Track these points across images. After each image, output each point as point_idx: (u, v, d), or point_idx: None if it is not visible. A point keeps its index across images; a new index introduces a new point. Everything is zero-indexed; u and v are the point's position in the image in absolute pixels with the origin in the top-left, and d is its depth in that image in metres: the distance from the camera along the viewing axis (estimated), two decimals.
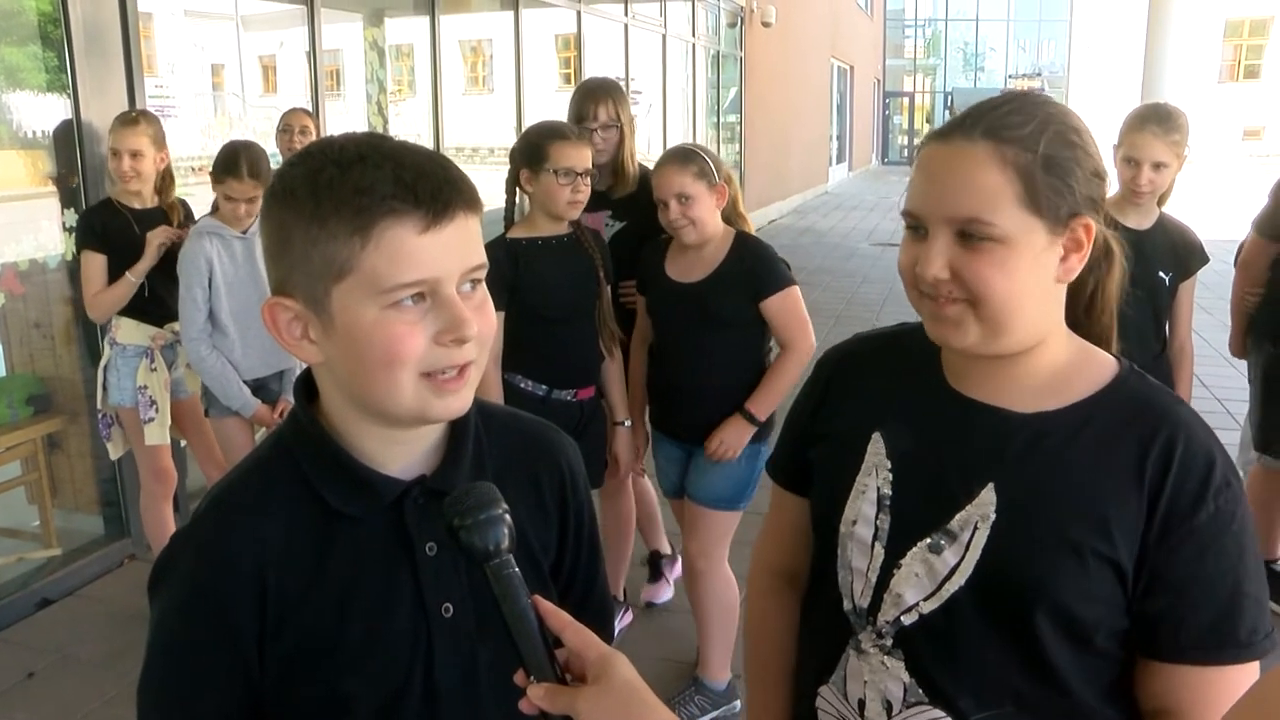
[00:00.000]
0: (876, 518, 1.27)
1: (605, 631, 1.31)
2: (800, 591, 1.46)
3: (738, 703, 3.41)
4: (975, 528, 1.20)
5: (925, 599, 1.22)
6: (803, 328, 3.12)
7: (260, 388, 3.72)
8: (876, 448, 1.30)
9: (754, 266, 3.10)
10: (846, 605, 1.30)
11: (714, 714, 3.39)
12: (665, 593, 4.12)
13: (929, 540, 1.22)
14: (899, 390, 1.33)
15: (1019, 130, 1.14)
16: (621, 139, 3.60)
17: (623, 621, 3.90)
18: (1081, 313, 1.29)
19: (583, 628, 0.97)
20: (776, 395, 3.14)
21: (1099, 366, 1.25)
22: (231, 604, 1.07)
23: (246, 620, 1.07)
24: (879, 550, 1.27)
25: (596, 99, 3.55)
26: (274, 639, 1.07)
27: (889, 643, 1.25)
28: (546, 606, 0.96)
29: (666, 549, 4.19)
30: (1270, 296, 3.88)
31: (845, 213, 19.63)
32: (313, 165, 1.02)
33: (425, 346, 1.01)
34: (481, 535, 0.96)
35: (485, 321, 1.06)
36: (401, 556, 1.11)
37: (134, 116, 3.80)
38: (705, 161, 3.07)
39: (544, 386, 3.19)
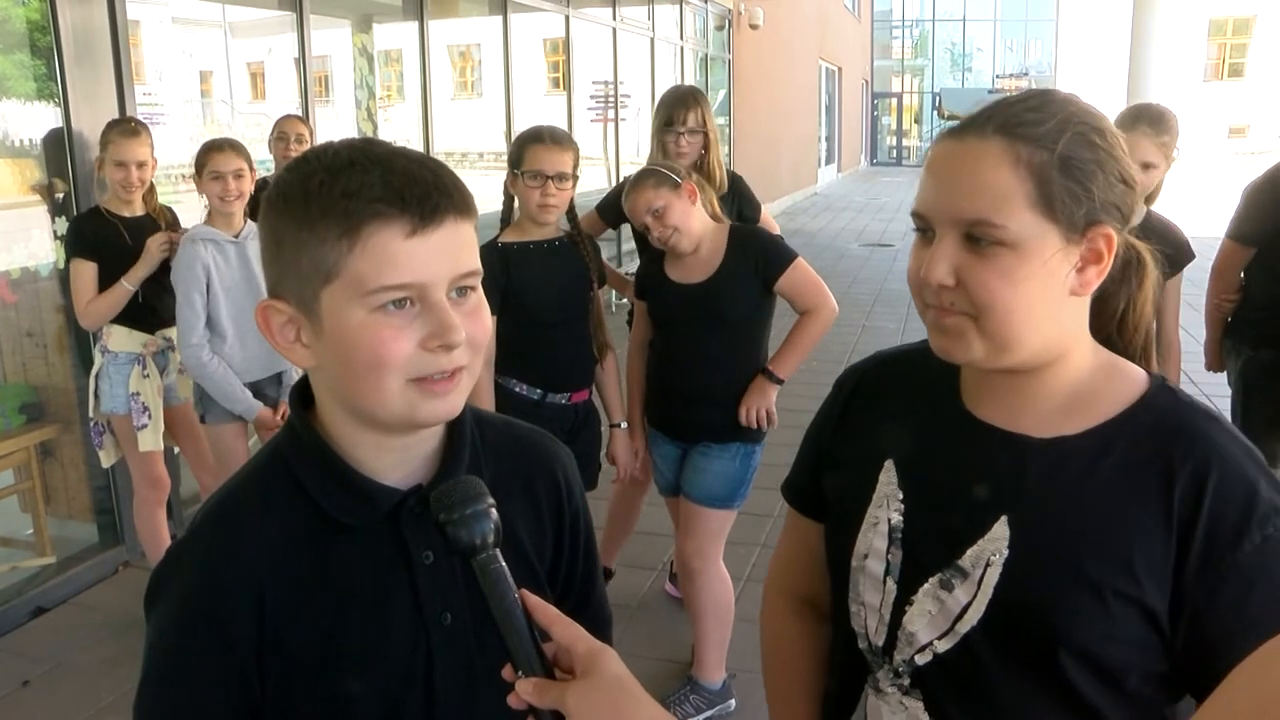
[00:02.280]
0: (888, 552, 1.20)
1: (603, 636, 1.30)
2: (822, 614, 1.39)
3: (732, 702, 3.42)
4: (987, 564, 1.12)
5: (939, 638, 1.15)
6: (820, 292, 3.18)
7: (258, 393, 3.73)
8: (888, 477, 1.23)
9: (757, 255, 3.14)
10: (861, 643, 1.24)
11: (709, 713, 3.40)
12: None
13: (940, 576, 1.15)
14: (913, 414, 1.26)
15: (1036, 128, 1.06)
16: (706, 144, 3.75)
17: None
18: (1114, 331, 1.21)
19: (571, 622, 0.97)
20: (799, 355, 3.20)
21: (1126, 383, 1.15)
22: (229, 618, 1.06)
23: (244, 633, 1.06)
24: (891, 586, 1.20)
25: (686, 105, 3.74)
26: (272, 651, 1.06)
27: (906, 682, 1.19)
28: (534, 601, 0.96)
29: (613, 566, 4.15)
30: (1246, 301, 3.91)
31: (834, 214, 19.66)
32: (305, 171, 1.02)
33: (412, 351, 1.01)
34: (468, 530, 0.96)
35: (478, 327, 1.05)
36: (399, 566, 1.10)
37: (134, 127, 3.81)
38: (657, 171, 3.12)
39: (538, 390, 3.19)
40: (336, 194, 0.99)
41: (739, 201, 3.88)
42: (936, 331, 1.14)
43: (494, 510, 0.98)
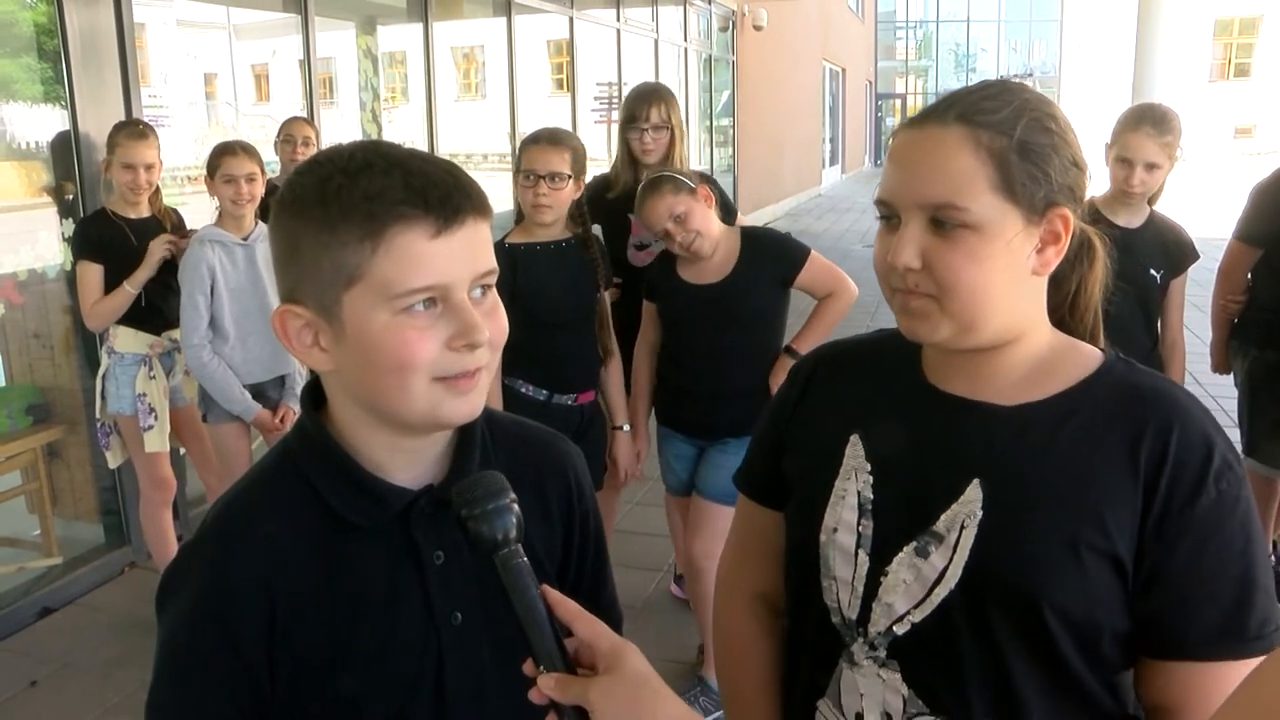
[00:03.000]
0: (859, 524, 1.22)
1: (615, 632, 1.31)
2: (776, 610, 1.41)
3: None
4: (962, 527, 1.14)
5: (915, 607, 1.17)
6: (838, 277, 3.23)
7: (259, 394, 3.74)
8: (855, 450, 1.25)
9: (773, 255, 3.17)
10: (835, 618, 1.25)
11: (718, 715, 3.39)
12: None
13: (915, 544, 1.17)
14: (877, 391, 1.28)
15: (994, 115, 1.11)
16: (672, 140, 3.72)
17: None
18: (1066, 312, 1.25)
19: (593, 618, 0.97)
20: (820, 333, 3.20)
21: (1084, 356, 1.20)
22: (239, 619, 1.06)
23: (254, 634, 1.06)
24: (863, 558, 1.21)
25: (649, 101, 3.70)
26: (283, 652, 1.07)
27: (883, 654, 1.20)
28: (556, 597, 0.96)
29: None
30: (1253, 302, 3.91)
31: (839, 215, 19.64)
32: (321, 174, 1.01)
33: (437, 352, 1.01)
34: (490, 525, 0.96)
35: (497, 326, 1.06)
36: (409, 566, 1.10)
37: (142, 129, 3.81)
38: (673, 177, 3.12)
39: (544, 391, 3.20)
40: (357, 197, 0.99)
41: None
42: (904, 314, 1.17)
43: (516, 505, 0.98)
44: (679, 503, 3.55)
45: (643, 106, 3.68)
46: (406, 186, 0.99)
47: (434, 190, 1.00)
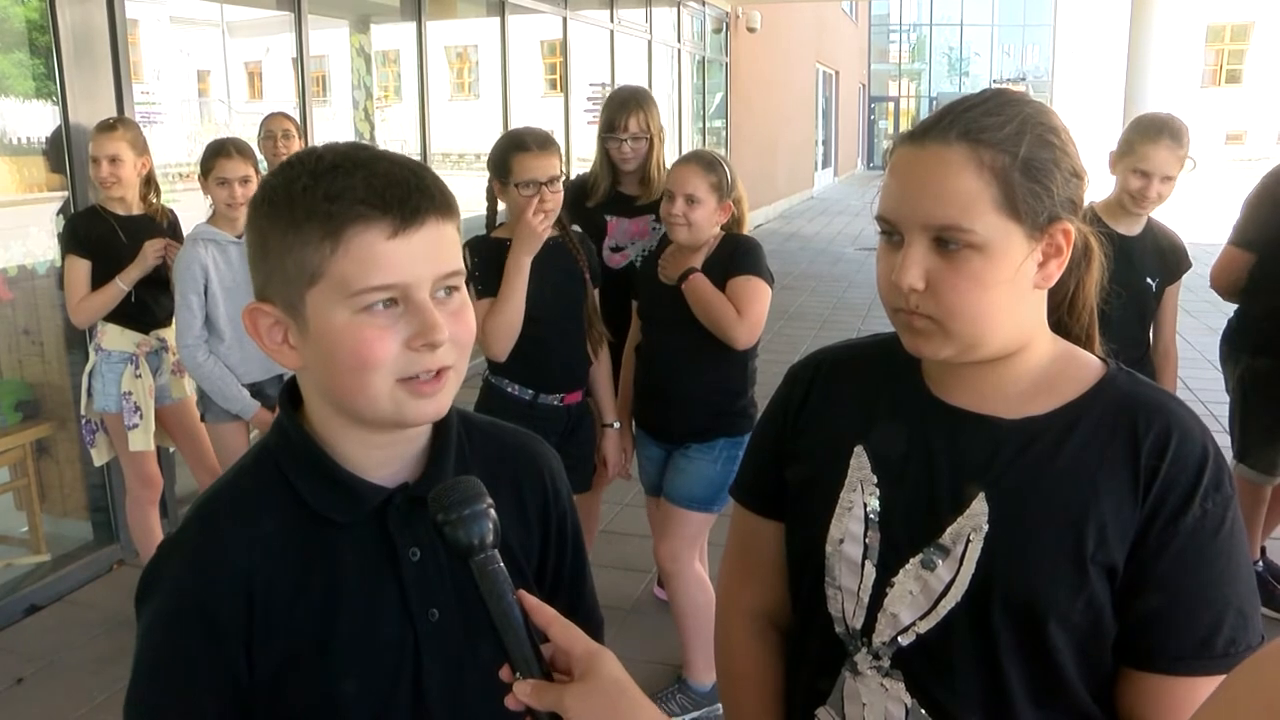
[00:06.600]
0: (865, 535, 1.22)
1: (595, 637, 1.31)
2: (783, 629, 1.41)
3: (720, 704, 3.41)
4: (968, 540, 1.15)
5: (921, 618, 1.18)
6: (748, 317, 3.04)
7: (258, 393, 3.72)
8: (860, 462, 1.25)
9: (732, 253, 3.12)
10: (839, 628, 1.25)
11: (695, 714, 3.40)
12: None
13: (921, 556, 1.18)
14: (880, 401, 1.28)
15: (997, 132, 1.10)
16: (650, 148, 3.68)
17: None
18: (1064, 313, 1.26)
19: (569, 624, 0.97)
20: (705, 298, 3.05)
21: (1085, 367, 1.21)
22: (219, 613, 1.07)
23: (234, 628, 1.07)
24: (870, 569, 1.22)
25: (628, 109, 3.64)
26: (262, 646, 1.08)
27: (886, 664, 1.21)
28: (532, 602, 0.96)
29: None
30: (1245, 307, 3.90)
31: (831, 218, 19.67)
32: (290, 175, 1.05)
33: (397, 351, 1.02)
34: (466, 530, 0.96)
35: (463, 327, 1.07)
36: (385, 563, 1.12)
37: (111, 123, 3.79)
38: (725, 175, 3.11)
39: (530, 391, 3.19)
40: (319, 197, 1.01)
41: None
42: (908, 332, 1.18)
43: (493, 510, 0.98)
44: (650, 502, 3.55)
45: (622, 116, 3.61)
46: (367, 187, 1.01)
47: (393, 190, 1.02)
